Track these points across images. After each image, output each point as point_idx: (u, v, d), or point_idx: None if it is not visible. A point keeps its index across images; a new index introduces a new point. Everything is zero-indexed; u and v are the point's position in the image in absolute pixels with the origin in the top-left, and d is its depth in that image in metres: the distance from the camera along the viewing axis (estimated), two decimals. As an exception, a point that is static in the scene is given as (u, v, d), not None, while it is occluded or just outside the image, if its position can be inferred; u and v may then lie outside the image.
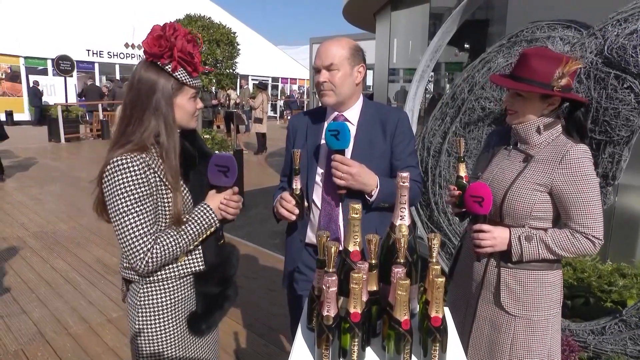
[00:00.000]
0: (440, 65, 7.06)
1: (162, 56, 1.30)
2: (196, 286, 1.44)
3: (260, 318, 3.30)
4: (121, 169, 1.25)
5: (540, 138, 1.52)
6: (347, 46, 1.64)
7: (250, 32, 24.20)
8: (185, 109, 1.37)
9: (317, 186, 1.72)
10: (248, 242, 4.95)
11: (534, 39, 2.48)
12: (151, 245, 1.27)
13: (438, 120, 3.18)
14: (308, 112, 1.85)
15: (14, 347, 2.91)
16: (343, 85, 1.63)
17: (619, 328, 2.21)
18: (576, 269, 3.02)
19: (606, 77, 2.01)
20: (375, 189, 1.60)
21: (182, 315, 1.43)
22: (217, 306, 1.49)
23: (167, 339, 1.41)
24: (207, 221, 1.38)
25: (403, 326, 1.03)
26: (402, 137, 1.70)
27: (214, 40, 7.05)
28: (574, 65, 1.42)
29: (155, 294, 1.38)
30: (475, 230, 1.51)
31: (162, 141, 1.31)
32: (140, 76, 1.32)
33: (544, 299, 1.53)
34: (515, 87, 1.49)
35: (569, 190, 1.44)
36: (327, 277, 1.03)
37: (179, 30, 1.32)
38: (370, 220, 1.63)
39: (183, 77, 1.34)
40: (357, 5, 7.20)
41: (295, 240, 1.80)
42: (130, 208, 1.25)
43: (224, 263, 1.49)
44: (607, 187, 2.19)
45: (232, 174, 1.38)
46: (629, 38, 1.95)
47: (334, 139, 1.53)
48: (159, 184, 1.31)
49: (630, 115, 1.97)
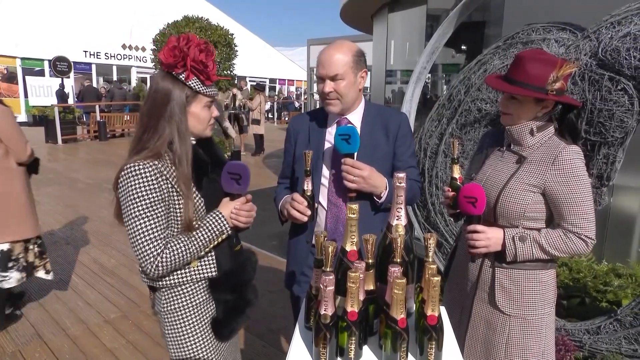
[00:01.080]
0: (437, 67, 7.09)
1: (176, 66, 1.34)
2: (211, 292, 1.47)
3: (259, 319, 3.30)
4: (134, 175, 1.29)
5: (533, 140, 1.54)
6: (350, 53, 1.63)
7: (248, 33, 24.22)
8: (199, 117, 1.41)
9: (323, 188, 1.73)
10: (246, 244, 4.96)
11: (530, 41, 2.50)
12: (161, 249, 1.30)
13: (435, 121, 3.20)
14: (309, 114, 1.86)
15: (12, 349, 2.91)
16: (348, 94, 1.65)
17: (614, 327, 2.23)
18: (572, 269, 3.04)
19: (600, 79, 2.03)
20: (384, 191, 1.62)
21: (204, 318, 1.47)
22: (236, 311, 1.52)
23: (193, 342, 1.45)
24: (219, 228, 1.40)
25: (400, 325, 1.05)
26: (404, 139, 1.73)
27: (211, 41, 7.05)
28: (568, 68, 1.44)
29: (175, 299, 1.43)
30: (470, 231, 1.53)
31: (175, 148, 1.35)
32: (156, 86, 1.37)
33: (538, 298, 1.55)
34: (510, 90, 1.50)
35: (561, 191, 1.45)
36: (325, 276, 1.04)
37: (193, 40, 1.36)
38: (378, 221, 1.66)
39: (197, 86, 1.38)
40: (354, 7, 7.23)
41: (301, 241, 1.79)
42: (142, 213, 1.29)
43: (238, 269, 1.51)
44: (602, 188, 2.21)
45: (245, 181, 1.41)
46: (622, 40, 1.97)
47: (345, 143, 1.54)
48: (171, 191, 1.34)
49: (624, 116, 2.00)
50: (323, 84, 1.64)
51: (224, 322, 1.48)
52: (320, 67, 1.64)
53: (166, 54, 1.34)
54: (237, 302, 1.51)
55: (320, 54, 1.66)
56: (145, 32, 3.59)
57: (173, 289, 1.43)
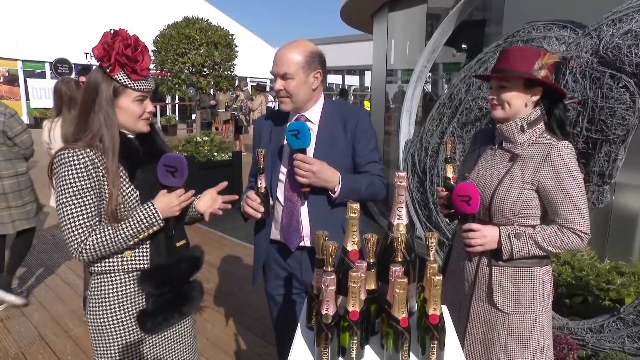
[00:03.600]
0: (438, 66, 7.08)
1: (103, 59, 1.37)
2: (138, 283, 1.46)
3: (260, 319, 3.31)
4: (64, 162, 1.33)
5: (525, 136, 1.55)
6: (303, 53, 1.65)
7: (248, 34, 24.22)
8: (128, 111, 1.43)
9: (281, 184, 1.76)
10: (246, 244, 4.96)
11: (530, 39, 2.49)
12: (86, 236, 1.33)
13: (435, 120, 3.19)
14: (271, 114, 1.90)
15: (14, 350, 2.92)
16: (299, 93, 1.68)
17: (616, 326, 2.22)
18: (574, 267, 3.03)
19: (602, 77, 2.02)
20: (337, 185, 1.64)
21: (130, 308, 1.47)
22: (168, 306, 1.51)
23: (113, 329, 1.45)
24: (148, 219, 1.39)
25: (401, 324, 1.04)
26: (363, 134, 1.75)
27: (212, 42, 7.05)
28: (552, 58, 1.48)
29: (104, 285, 1.44)
30: (465, 230, 1.53)
31: (104, 140, 1.38)
32: (89, 79, 1.41)
33: (536, 295, 1.56)
34: (500, 75, 1.52)
35: (555, 187, 1.47)
36: (326, 276, 1.04)
37: (121, 34, 1.38)
38: (336, 217, 1.69)
39: (123, 80, 1.39)
40: (354, 6, 7.22)
41: (262, 237, 1.85)
42: (69, 199, 1.33)
43: (172, 265, 1.51)
44: (604, 186, 2.20)
45: (181, 174, 1.41)
46: (623, 37, 1.97)
47: (295, 139, 1.57)
48: (102, 180, 1.37)
49: (626, 114, 1.99)
50: (275, 81, 1.68)
51: (150, 315, 1.47)
52: (273, 64, 1.68)
53: (97, 47, 1.37)
54: (169, 297, 1.50)
55: (276, 52, 1.69)
56: (146, 33, 3.60)
57: (104, 275, 1.44)
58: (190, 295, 1.57)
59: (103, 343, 1.46)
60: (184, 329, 1.63)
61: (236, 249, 4.93)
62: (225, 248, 4.93)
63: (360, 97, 20.96)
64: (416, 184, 3.32)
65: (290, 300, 1.86)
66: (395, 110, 7.06)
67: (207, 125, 12.09)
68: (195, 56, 6.86)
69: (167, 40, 6.84)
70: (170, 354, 1.59)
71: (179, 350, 1.62)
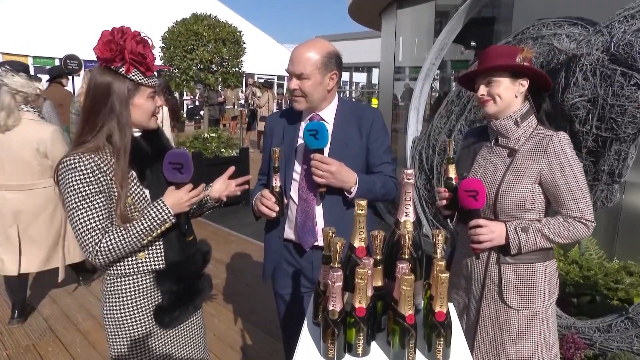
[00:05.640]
0: (446, 63, 7.03)
1: (114, 60, 1.35)
2: (157, 283, 1.47)
3: (268, 316, 3.32)
4: (70, 168, 1.32)
5: (519, 130, 1.56)
6: (320, 54, 1.64)
7: (256, 30, 24.21)
8: (143, 109, 1.43)
9: (295, 183, 1.75)
10: (254, 240, 4.98)
11: (540, 36, 2.47)
12: (100, 238, 1.32)
13: (444, 118, 3.18)
14: (284, 111, 1.89)
15: (25, 342, 2.97)
16: (314, 94, 1.67)
17: (625, 326, 2.21)
18: (582, 267, 3.01)
19: (612, 74, 2.00)
20: (354, 186, 1.64)
21: (147, 305, 1.47)
22: (183, 301, 1.52)
23: (131, 326, 1.45)
24: (160, 217, 1.39)
25: (408, 321, 1.05)
26: (377, 135, 1.74)
27: (220, 39, 7.07)
28: (530, 52, 1.53)
29: (119, 285, 1.44)
30: (472, 227, 1.52)
31: (115, 141, 1.36)
32: (95, 81, 1.38)
33: (544, 290, 1.57)
34: (488, 67, 1.53)
35: (557, 178, 1.47)
36: (333, 273, 1.04)
37: (128, 33, 1.36)
38: (351, 217, 1.66)
39: (138, 78, 1.39)
40: (362, 3, 7.20)
41: (274, 237, 1.83)
42: (79, 204, 1.31)
43: (187, 261, 1.52)
44: (614, 185, 2.18)
45: (187, 170, 1.41)
46: (636, 34, 1.94)
47: (313, 139, 1.56)
48: (110, 184, 1.36)
49: (637, 112, 1.96)
50: (290, 80, 1.68)
51: (167, 310, 1.48)
52: (289, 62, 1.67)
53: (101, 48, 1.34)
54: (185, 292, 1.52)
55: (292, 50, 1.68)
56: (154, 30, 3.64)
57: (119, 277, 1.44)
58: (202, 288, 1.59)
59: (119, 339, 1.47)
60: (195, 321, 1.65)
61: (243, 245, 4.95)
62: (232, 244, 4.96)
63: (368, 95, 20.90)
64: (423, 181, 3.31)
65: (299, 298, 1.86)
66: (403, 108, 7.03)
67: (214, 122, 12.14)
68: (203, 53, 6.89)
69: (175, 37, 6.87)
70: (184, 346, 1.61)
71: (191, 342, 1.64)
